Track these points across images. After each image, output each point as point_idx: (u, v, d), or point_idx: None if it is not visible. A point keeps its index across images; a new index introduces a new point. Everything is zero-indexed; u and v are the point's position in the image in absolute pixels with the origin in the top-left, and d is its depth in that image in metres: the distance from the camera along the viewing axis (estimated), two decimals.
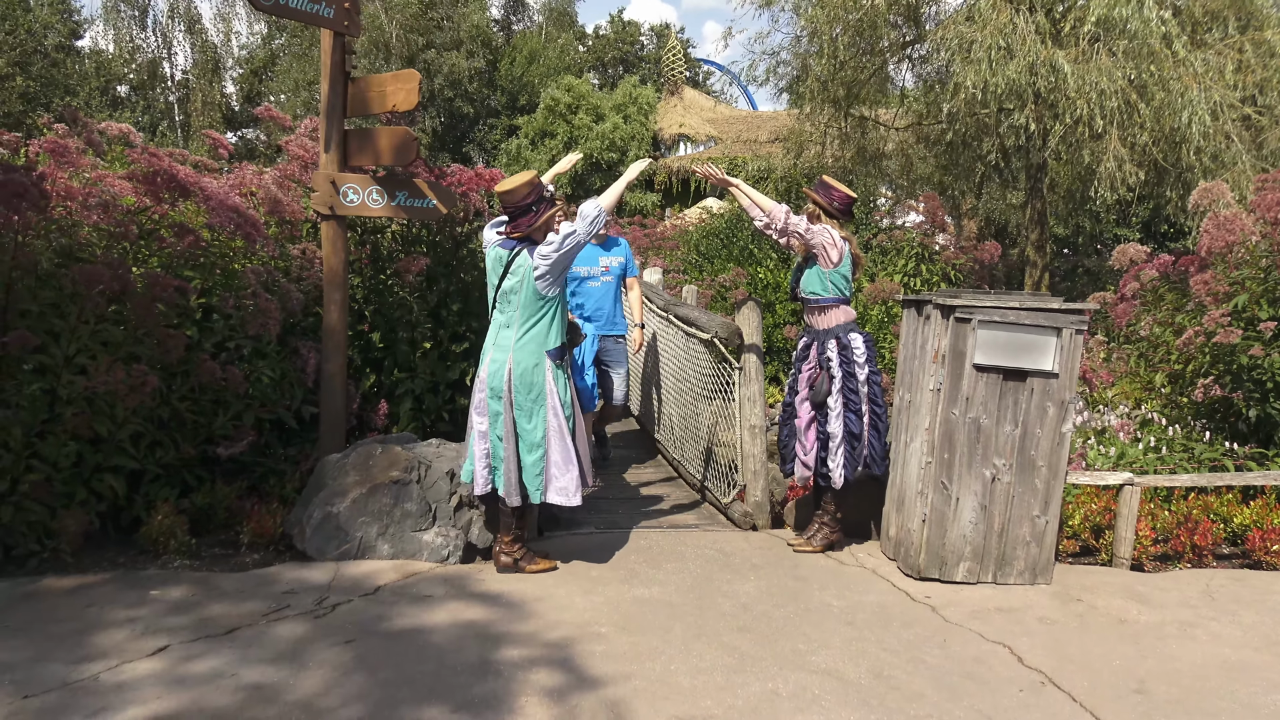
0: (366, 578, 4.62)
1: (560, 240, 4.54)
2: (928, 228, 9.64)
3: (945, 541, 4.93)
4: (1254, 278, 6.35)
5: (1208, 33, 11.36)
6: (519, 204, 4.56)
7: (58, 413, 4.57)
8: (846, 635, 4.22)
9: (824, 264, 5.23)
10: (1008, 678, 3.85)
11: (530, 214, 4.56)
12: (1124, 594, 4.89)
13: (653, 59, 39.63)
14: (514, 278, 4.62)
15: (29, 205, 4.51)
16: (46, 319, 4.65)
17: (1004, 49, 10.07)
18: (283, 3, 4.89)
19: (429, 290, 6.25)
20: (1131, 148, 10.43)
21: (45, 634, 3.81)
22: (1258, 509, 5.63)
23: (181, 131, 33.23)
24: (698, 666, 3.81)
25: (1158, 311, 7.21)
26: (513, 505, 4.72)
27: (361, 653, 3.79)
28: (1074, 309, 4.80)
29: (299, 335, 5.86)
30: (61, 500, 4.57)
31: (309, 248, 6.01)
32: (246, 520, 5.02)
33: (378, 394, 6.11)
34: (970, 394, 4.83)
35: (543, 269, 4.53)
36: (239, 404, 5.29)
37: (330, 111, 5.33)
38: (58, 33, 32.27)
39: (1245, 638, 4.37)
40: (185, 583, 4.45)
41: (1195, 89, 9.96)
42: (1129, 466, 5.91)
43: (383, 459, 5.05)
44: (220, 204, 5.37)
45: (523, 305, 4.61)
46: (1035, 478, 4.90)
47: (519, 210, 4.57)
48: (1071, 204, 16.10)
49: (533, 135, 29.67)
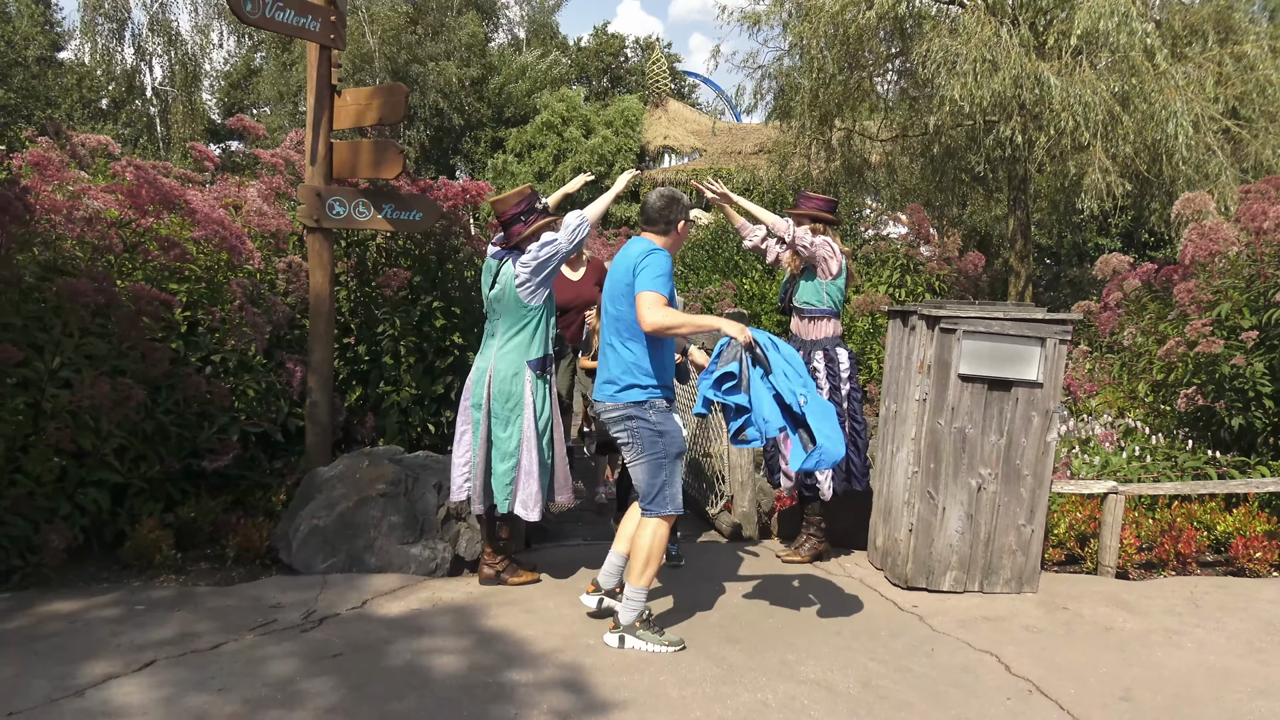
0: (354, 591, 4.60)
1: (539, 248, 4.55)
2: (912, 239, 9.70)
3: (932, 551, 4.95)
4: (1236, 286, 6.41)
5: (1187, 46, 11.50)
6: (509, 214, 4.60)
7: (41, 427, 4.54)
8: (835, 645, 4.23)
9: (823, 275, 5.27)
10: (995, 686, 3.86)
11: (520, 224, 4.58)
12: (1110, 602, 4.92)
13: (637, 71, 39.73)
14: (499, 286, 4.63)
15: (13, 219, 4.49)
16: (30, 332, 4.62)
17: (989, 62, 10.15)
18: (268, 15, 4.89)
19: (414, 304, 6.24)
20: (1114, 159, 10.53)
21: (29, 650, 3.77)
22: (1240, 516, 5.68)
23: (163, 145, 33.07)
24: (686, 677, 3.80)
25: (1141, 321, 7.26)
26: (475, 512, 4.71)
27: (349, 667, 3.77)
28: (1058, 319, 4.84)
29: (285, 348, 5.84)
30: (45, 515, 4.53)
31: (295, 260, 6.00)
32: (232, 534, 4.99)
33: (364, 407, 6.09)
34: (956, 404, 4.86)
35: (523, 276, 4.53)
36: (224, 417, 5.27)
37: (316, 124, 5.33)
38: (39, 44, 32.09)
39: (1230, 645, 4.40)
40: (171, 598, 4.42)
41: (1178, 101, 10.07)
42: (1113, 475, 5.95)
43: (370, 472, 5.03)
44: (205, 217, 5.36)
45: (506, 313, 4.62)
46: (1021, 487, 4.92)
47: (510, 220, 4.60)
48: (1055, 215, 16.23)
49: (519, 148, 29.67)
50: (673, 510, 4.15)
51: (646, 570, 4.11)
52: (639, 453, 4.13)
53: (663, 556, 4.19)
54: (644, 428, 4.10)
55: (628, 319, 4.10)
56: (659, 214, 4.25)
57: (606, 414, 4.18)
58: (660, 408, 4.15)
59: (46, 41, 32.92)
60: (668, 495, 4.14)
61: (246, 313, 5.29)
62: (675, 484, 4.17)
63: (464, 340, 6.23)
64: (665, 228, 4.25)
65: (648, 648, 4.06)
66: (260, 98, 34.65)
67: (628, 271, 4.11)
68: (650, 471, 4.12)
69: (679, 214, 4.27)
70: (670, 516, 4.16)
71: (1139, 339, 7.18)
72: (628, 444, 4.15)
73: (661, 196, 4.27)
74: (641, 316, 3.99)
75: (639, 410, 4.10)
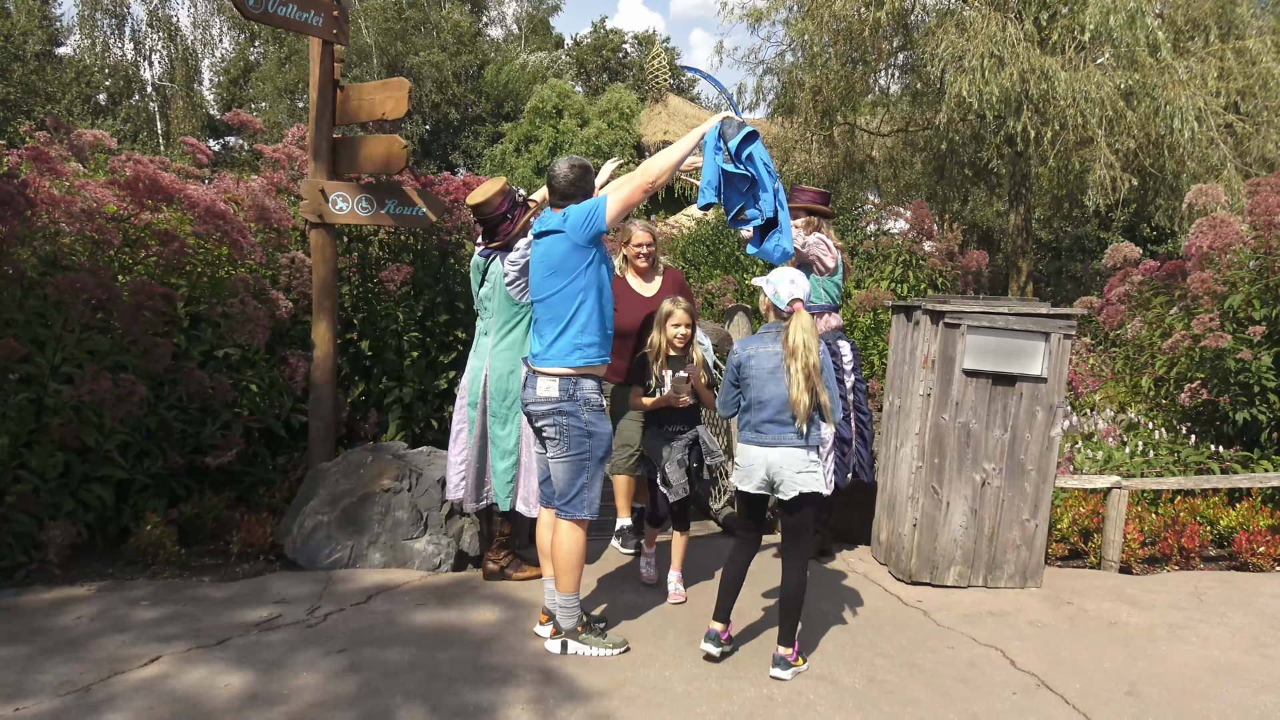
0: (358, 587, 4.59)
1: (526, 246, 4.41)
2: (914, 234, 9.68)
3: (936, 546, 4.94)
4: (1244, 279, 6.39)
5: (1190, 41, 11.48)
6: (494, 214, 4.45)
7: (44, 423, 4.53)
8: (839, 640, 4.22)
9: (819, 271, 5.24)
10: (1001, 681, 3.86)
11: (508, 222, 4.46)
12: (1114, 597, 4.92)
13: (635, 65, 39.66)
14: (489, 284, 4.60)
15: (14, 214, 4.48)
16: (32, 328, 4.61)
17: (995, 57, 10.14)
18: (271, 10, 4.87)
19: (416, 299, 6.23)
20: (1118, 154, 10.52)
21: (35, 646, 3.77)
22: (1244, 511, 5.68)
23: (163, 140, 33.05)
24: (691, 673, 3.80)
25: (1146, 314, 7.25)
26: (469, 510, 4.67)
27: (354, 662, 3.77)
28: (1062, 314, 4.83)
29: (287, 344, 5.83)
30: (49, 511, 4.53)
31: (298, 256, 5.99)
32: (236, 530, 4.99)
33: (366, 402, 6.08)
34: (960, 399, 4.85)
35: (512, 275, 4.46)
36: (227, 413, 5.26)
37: (319, 119, 5.32)
38: (37, 39, 32.07)
39: (1234, 639, 4.40)
40: (175, 593, 4.42)
41: (1182, 96, 10.05)
42: (1116, 470, 5.94)
43: (373, 467, 5.03)
44: (206, 210, 5.34)
45: (497, 311, 4.59)
46: (1025, 481, 4.92)
47: (497, 219, 4.46)
48: (1058, 210, 16.21)
49: (517, 141, 29.63)
50: (588, 514, 3.93)
51: (569, 575, 3.94)
52: (563, 450, 3.89)
53: (582, 559, 3.99)
54: (574, 425, 3.87)
55: (567, 294, 3.84)
56: (574, 186, 3.96)
57: (535, 405, 3.94)
58: (594, 405, 3.92)
59: (45, 36, 32.88)
60: (585, 499, 3.93)
61: (249, 307, 5.28)
62: (595, 488, 3.96)
63: (466, 335, 6.22)
64: (581, 201, 3.96)
65: (590, 651, 3.93)
66: (258, 92, 34.63)
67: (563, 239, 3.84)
68: (572, 471, 3.89)
69: (591, 184, 4.02)
70: (584, 521, 3.95)
71: (1143, 332, 7.17)
72: (554, 439, 3.91)
73: (573, 167, 3.97)
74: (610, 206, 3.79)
75: (572, 406, 3.87)
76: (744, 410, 3.94)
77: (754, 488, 3.89)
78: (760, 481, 3.87)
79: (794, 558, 3.88)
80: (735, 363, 3.91)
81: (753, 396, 3.86)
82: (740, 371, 3.89)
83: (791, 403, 3.75)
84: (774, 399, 3.79)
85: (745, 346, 3.92)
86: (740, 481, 3.93)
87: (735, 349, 3.94)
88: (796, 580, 3.85)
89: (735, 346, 3.94)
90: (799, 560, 3.88)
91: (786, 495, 3.81)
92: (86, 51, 33.72)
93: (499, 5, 40.21)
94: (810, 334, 3.77)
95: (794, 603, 3.84)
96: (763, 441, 3.84)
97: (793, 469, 3.80)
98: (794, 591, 3.84)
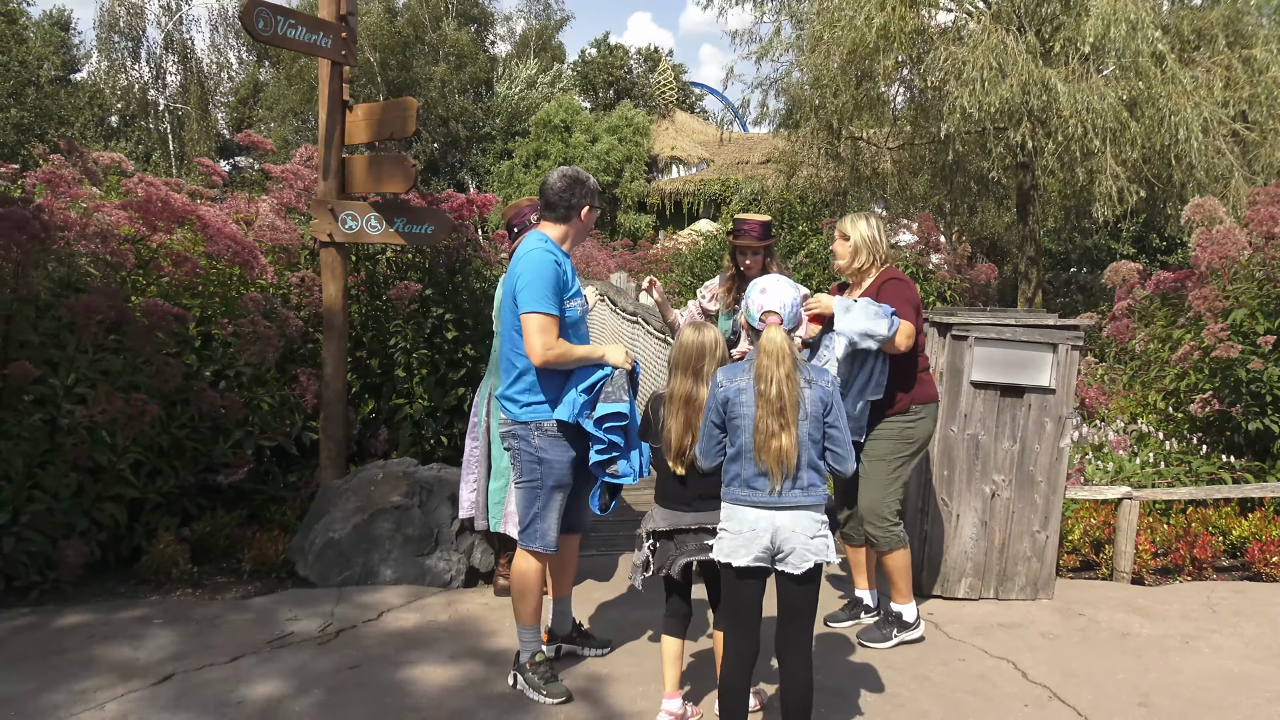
0: (370, 604, 4.61)
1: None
2: (922, 247, 9.69)
3: (946, 558, 4.94)
4: (1248, 292, 6.39)
5: (1196, 50, 11.48)
6: (518, 220, 4.60)
7: (58, 443, 4.57)
8: (849, 653, 4.22)
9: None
10: (1013, 693, 3.85)
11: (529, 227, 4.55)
12: (1125, 608, 4.90)
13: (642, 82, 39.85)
14: (497, 303, 4.65)
15: (29, 237, 4.53)
16: (46, 349, 4.66)
17: (996, 69, 10.16)
18: (281, 33, 4.93)
19: (425, 316, 6.27)
20: (1124, 165, 10.51)
21: (48, 665, 3.79)
22: (1256, 521, 5.65)
23: (176, 161, 33.32)
24: (700, 688, 3.80)
25: (1155, 326, 7.24)
26: (479, 528, 4.67)
27: (366, 679, 3.78)
28: (1070, 325, 4.83)
29: (298, 362, 5.87)
30: (62, 530, 4.56)
31: (308, 275, 6.03)
32: (248, 548, 5.02)
33: (377, 420, 6.11)
34: (968, 410, 4.86)
35: None
36: (239, 431, 5.30)
37: (328, 140, 5.37)
38: (53, 65, 32.46)
39: (1247, 650, 4.38)
40: (188, 611, 4.44)
41: (1188, 106, 10.05)
42: (1127, 481, 5.93)
43: (384, 484, 5.05)
44: (218, 231, 5.40)
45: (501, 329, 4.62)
46: (1034, 493, 4.91)
47: (521, 228, 4.58)
48: (1065, 221, 16.19)
49: (526, 157, 29.80)
50: (540, 548, 3.67)
51: (520, 604, 3.72)
52: (517, 476, 3.71)
53: (536, 589, 3.71)
54: (524, 450, 3.63)
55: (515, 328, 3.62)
56: (559, 197, 3.68)
57: (500, 428, 3.79)
58: (548, 430, 3.61)
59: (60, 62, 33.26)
60: (537, 530, 3.66)
61: (260, 327, 5.32)
62: (549, 519, 3.67)
63: (476, 352, 6.25)
64: (565, 213, 3.70)
65: (531, 694, 3.67)
66: (268, 113, 34.91)
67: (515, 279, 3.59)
68: (525, 499, 3.67)
69: (582, 198, 3.71)
70: (539, 554, 3.69)
71: (1151, 345, 7.16)
72: (513, 464, 3.73)
73: (564, 177, 3.71)
74: (529, 346, 3.49)
75: (524, 431, 3.63)
76: (731, 460, 3.08)
77: (751, 560, 3.01)
78: (762, 551, 3.00)
79: (799, 650, 3.09)
80: (721, 399, 3.06)
81: (743, 442, 3.02)
82: (728, 410, 3.05)
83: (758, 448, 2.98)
84: None
85: (731, 378, 3.08)
86: (732, 554, 3.03)
87: (719, 380, 3.12)
88: (805, 678, 3.06)
89: (719, 377, 3.12)
90: (805, 653, 3.09)
91: (798, 569, 2.99)
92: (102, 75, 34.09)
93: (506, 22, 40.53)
94: (776, 355, 2.98)
95: (802, 712, 3.06)
96: (762, 502, 3.00)
97: (806, 534, 2.98)
98: (802, 695, 3.06)
